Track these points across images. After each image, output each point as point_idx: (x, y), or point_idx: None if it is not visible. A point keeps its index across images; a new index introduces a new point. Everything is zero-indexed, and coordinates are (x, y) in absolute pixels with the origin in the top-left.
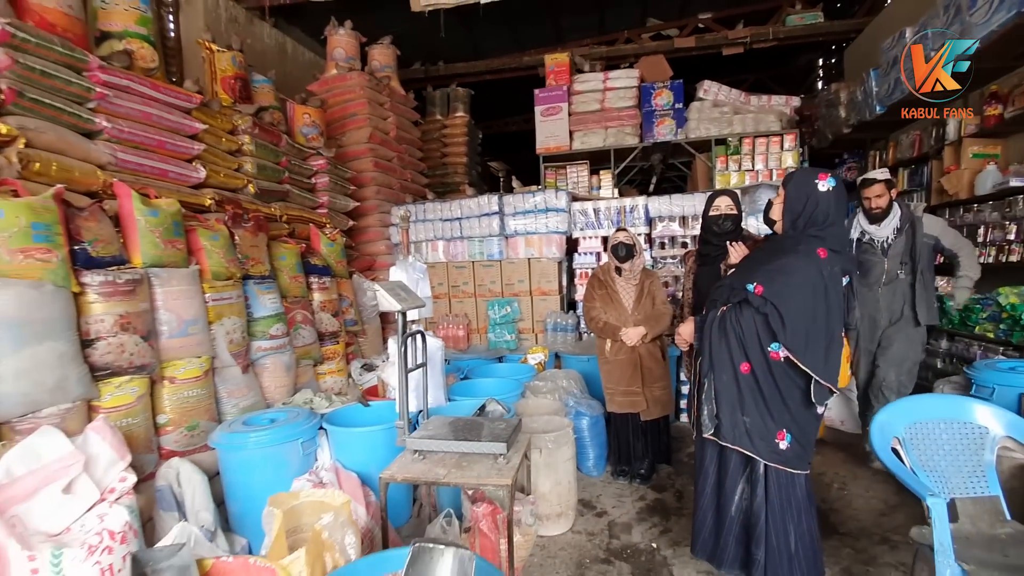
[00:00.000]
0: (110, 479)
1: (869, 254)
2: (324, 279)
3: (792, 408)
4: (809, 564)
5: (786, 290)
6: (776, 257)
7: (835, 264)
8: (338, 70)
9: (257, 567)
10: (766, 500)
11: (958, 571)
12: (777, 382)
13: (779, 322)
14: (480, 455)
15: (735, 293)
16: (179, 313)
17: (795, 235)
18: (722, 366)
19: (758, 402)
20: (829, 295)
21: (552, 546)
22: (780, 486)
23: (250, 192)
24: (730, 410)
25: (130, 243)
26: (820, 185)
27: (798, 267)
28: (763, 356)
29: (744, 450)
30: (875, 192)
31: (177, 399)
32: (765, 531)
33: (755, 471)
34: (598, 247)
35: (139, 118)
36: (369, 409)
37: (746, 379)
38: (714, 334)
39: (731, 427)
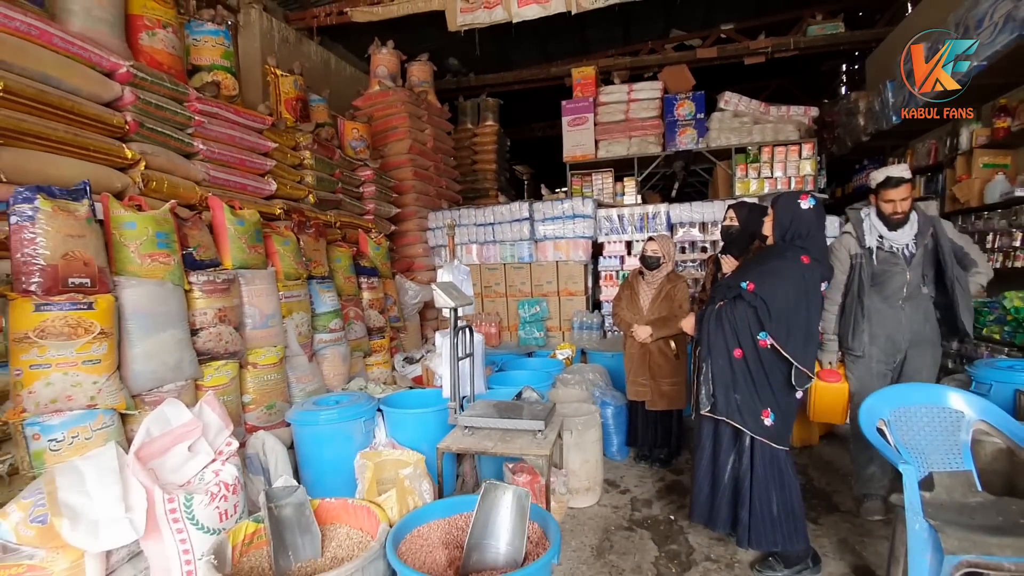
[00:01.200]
0: (219, 443)
1: (890, 264)
2: (372, 279)
3: (776, 390)
4: (789, 528)
5: (773, 288)
6: (767, 261)
7: (816, 270)
8: (381, 87)
9: (355, 505)
10: (751, 469)
11: (926, 526)
12: (764, 366)
13: (767, 314)
14: (521, 431)
15: (731, 290)
16: (261, 308)
17: (783, 245)
18: (718, 352)
19: (748, 383)
20: (810, 295)
21: (581, 516)
22: (764, 458)
23: (310, 201)
24: (724, 389)
25: (222, 248)
26: (802, 204)
27: (785, 270)
28: (753, 344)
29: (735, 423)
30: (900, 195)
31: (259, 382)
32: (749, 496)
33: (742, 444)
34: (622, 251)
35: (225, 140)
36: (417, 395)
37: (739, 363)
38: (711, 325)
39: (725, 404)
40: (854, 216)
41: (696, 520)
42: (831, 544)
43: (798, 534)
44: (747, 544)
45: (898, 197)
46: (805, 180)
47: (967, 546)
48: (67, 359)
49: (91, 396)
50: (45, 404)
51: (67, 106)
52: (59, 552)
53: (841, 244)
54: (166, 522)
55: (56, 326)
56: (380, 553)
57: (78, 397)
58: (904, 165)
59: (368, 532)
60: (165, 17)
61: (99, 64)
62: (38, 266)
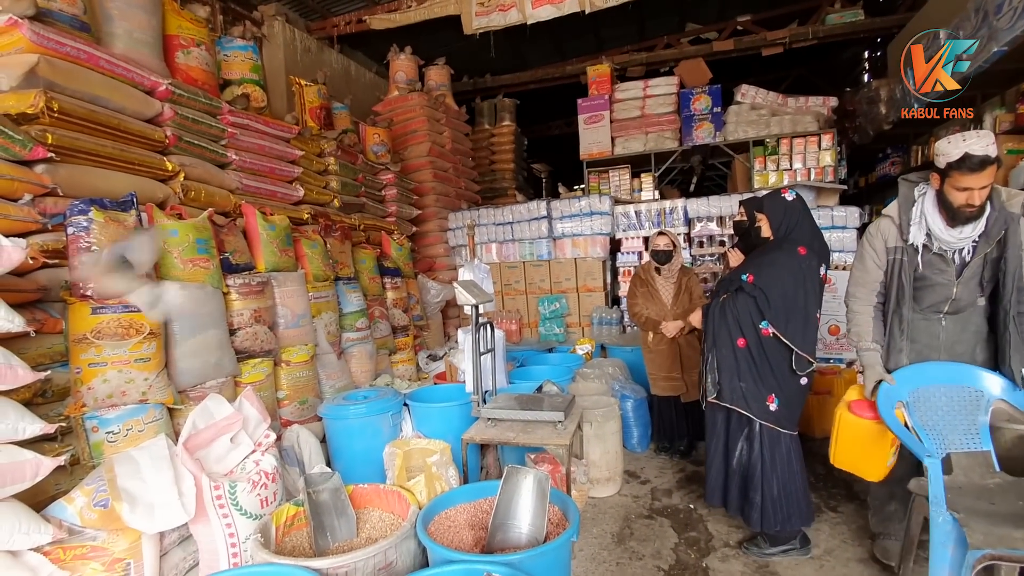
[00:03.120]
0: (258, 435)
1: (934, 268)
2: (395, 279)
3: (779, 376)
4: (791, 508)
5: (771, 278)
6: (765, 254)
7: (812, 260)
8: (399, 91)
9: (387, 490)
10: (761, 454)
11: (950, 519)
12: (767, 354)
13: (766, 303)
14: (542, 422)
15: (733, 283)
16: (292, 308)
17: (779, 239)
18: (723, 342)
19: (752, 370)
20: (807, 283)
21: (602, 505)
22: (769, 441)
23: (335, 206)
24: (729, 377)
25: (255, 252)
26: (787, 197)
27: (782, 261)
28: (756, 332)
29: (741, 410)
30: (980, 182)
31: (292, 379)
32: (761, 479)
33: (752, 430)
34: (639, 247)
35: (256, 150)
36: (441, 390)
37: (742, 352)
38: (716, 317)
39: (730, 391)
40: (904, 191)
41: (710, 502)
42: (850, 531)
43: (799, 515)
44: (759, 525)
45: (977, 185)
46: (825, 171)
47: (992, 540)
48: (121, 358)
49: (143, 392)
50: (102, 399)
51: (114, 124)
52: (119, 534)
53: (877, 231)
54: (213, 508)
55: (110, 327)
56: (411, 532)
57: (131, 393)
58: (988, 136)
59: (399, 515)
60: (199, 36)
61: (141, 83)
62: None
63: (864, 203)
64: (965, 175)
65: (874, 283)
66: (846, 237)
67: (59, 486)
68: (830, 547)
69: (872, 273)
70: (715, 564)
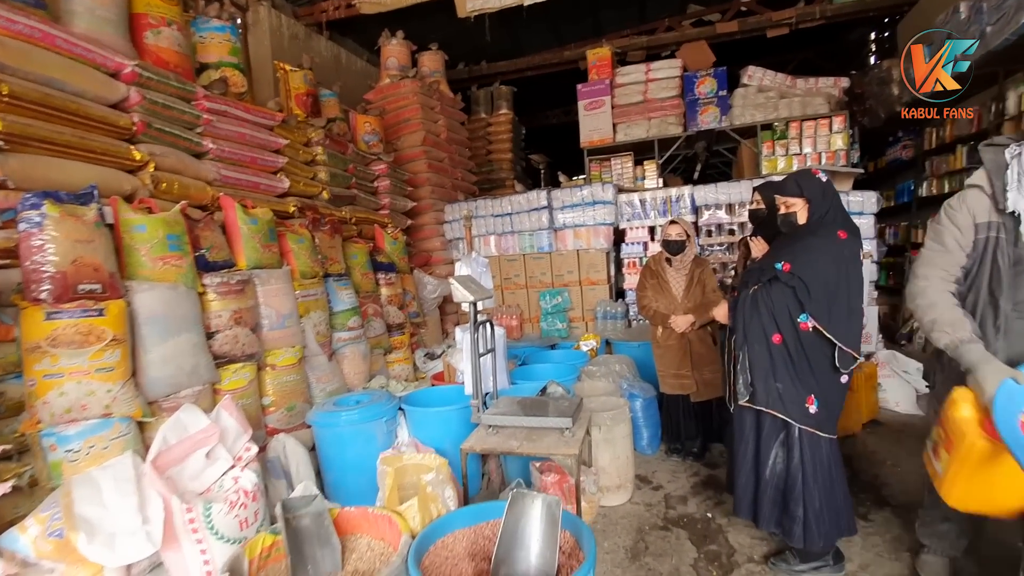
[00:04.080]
0: (238, 448)
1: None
2: (390, 275)
3: (819, 375)
4: (834, 521)
5: (811, 266)
6: (801, 240)
7: (854, 244)
8: (391, 79)
9: (376, 515)
10: (801, 463)
11: None
12: (806, 351)
13: (806, 294)
14: (548, 429)
15: (765, 273)
16: (277, 308)
17: (814, 223)
18: (755, 338)
19: (789, 369)
20: (850, 271)
21: (613, 515)
22: (811, 449)
23: (324, 198)
24: (763, 377)
25: (235, 249)
26: (821, 177)
27: (821, 246)
28: (793, 327)
29: (778, 413)
30: None
31: (278, 383)
32: (803, 491)
33: (790, 436)
34: (645, 237)
35: (235, 138)
36: (439, 392)
37: (778, 349)
38: (747, 311)
39: (765, 393)
40: (991, 157)
41: (741, 516)
42: (884, 543)
43: (842, 527)
44: (802, 542)
45: None
46: (837, 155)
47: None
48: (80, 368)
49: (106, 405)
50: (60, 414)
51: (72, 108)
52: (78, 567)
53: (962, 204)
54: (185, 533)
55: (68, 334)
56: (403, 568)
57: (92, 406)
58: None
59: (390, 543)
60: (170, 14)
61: (104, 65)
62: (47, 273)
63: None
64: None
65: (953, 266)
66: (863, 224)
67: (18, 509)
68: (864, 562)
69: (953, 254)
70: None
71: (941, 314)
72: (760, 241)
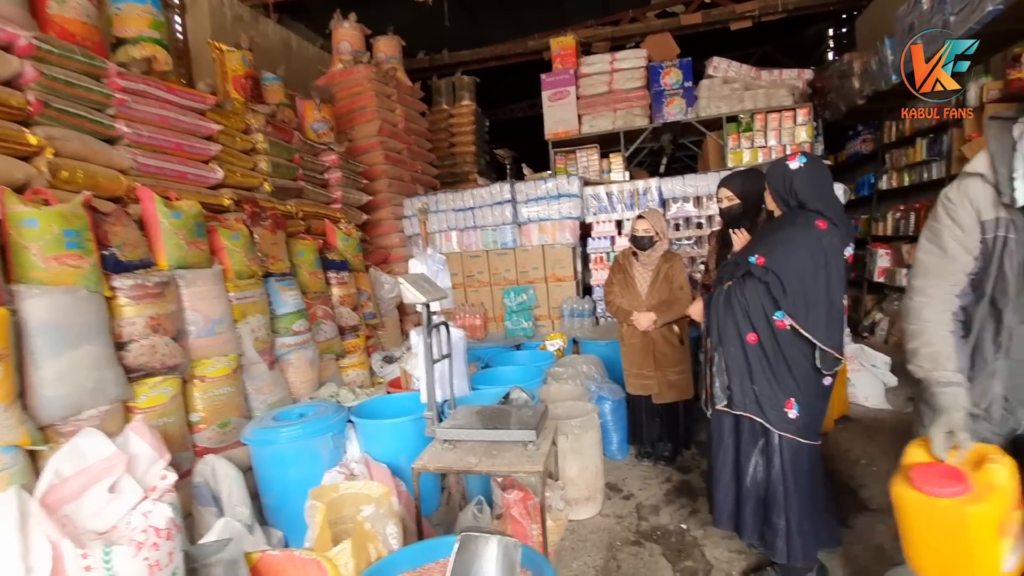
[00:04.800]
0: (151, 478)
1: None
2: (342, 274)
3: (798, 377)
4: (818, 532)
5: (786, 259)
6: (776, 231)
7: (834, 235)
8: (344, 64)
9: (303, 559)
10: (782, 471)
11: None
12: (783, 351)
13: (780, 290)
14: (510, 443)
15: (739, 268)
16: (206, 313)
17: (792, 213)
18: (730, 338)
19: (766, 371)
20: (829, 264)
21: (582, 530)
22: (792, 456)
23: (266, 190)
24: (740, 380)
25: (155, 246)
26: (791, 164)
27: (797, 237)
28: (769, 325)
29: (756, 417)
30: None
31: (208, 397)
32: (785, 502)
33: (770, 442)
34: (612, 231)
35: (157, 122)
36: (395, 400)
37: (753, 349)
38: (720, 309)
39: (742, 396)
40: (996, 134)
41: (722, 527)
42: (867, 552)
43: (824, 538)
44: (785, 556)
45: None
46: (801, 147)
47: None
48: None
49: None
50: None
51: None
52: None
53: (962, 197)
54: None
55: None
56: None
57: None
58: None
59: None
60: None
61: None
62: None
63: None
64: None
65: (958, 276)
66: None
67: None
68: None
69: (956, 260)
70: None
71: (924, 344)
72: (743, 233)
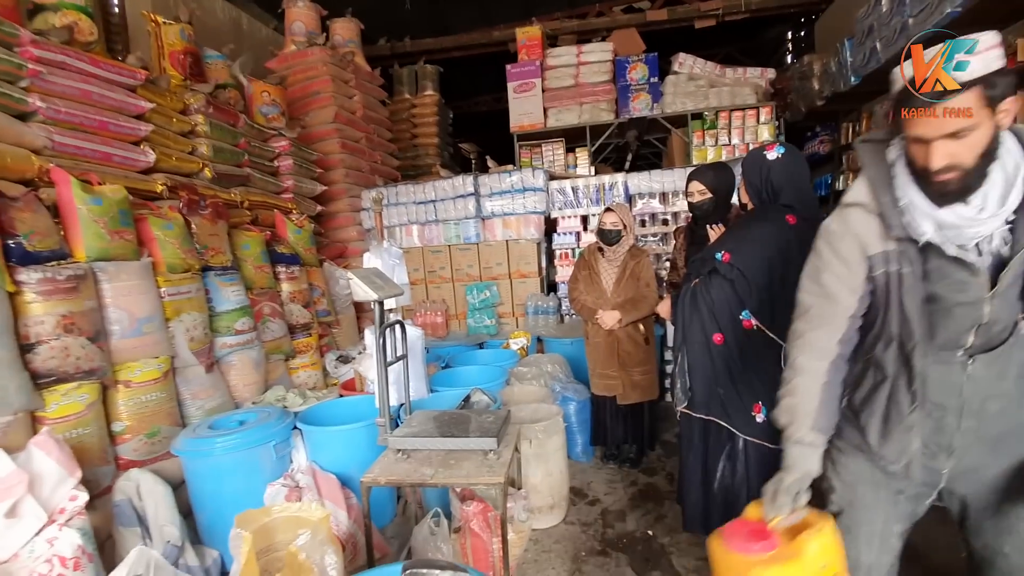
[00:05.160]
0: (59, 499)
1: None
2: (292, 268)
3: (766, 380)
4: None
5: (753, 256)
6: (745, 226)
7: (805, 231)
8: (297, 45)
9: None
10: (747, 477)
11: None
12: (751, 352)
13: (746, 288)
14: (469, 451)
15: (705, 264)
16: (131, 310)
17: (763, 207)
18: (694, 338)
19: (732, 373)
20: (798, 261)
21: (546, 539)
22: (759, 463)
23: (206, 177)
24: (704, 382)
25: (72, 235)
26: (768, 155)
27: (765, 234)
28: (735, 325)
29: (720, 421)
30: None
31: (134, 404)
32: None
33: (735, 447)
34: (577, 226)
35: (78, 97)
36: (347, 404)
37: (719, 350)
38: (687, 307)
39: (706, 399)
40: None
41: (690, 529)
42: None
43: None
44: None
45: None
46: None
47: None
48: None
49: None
50: None
51: None
52: None
53: (845, 231)
54: None
55: None
56: None
57: None
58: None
59: None
60: None
61: None
62: None
63: None
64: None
65: (840, 320)
66: None
67: None
68: None
69: (839, 302)
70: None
71: (788, 393)
72: (720, 229)
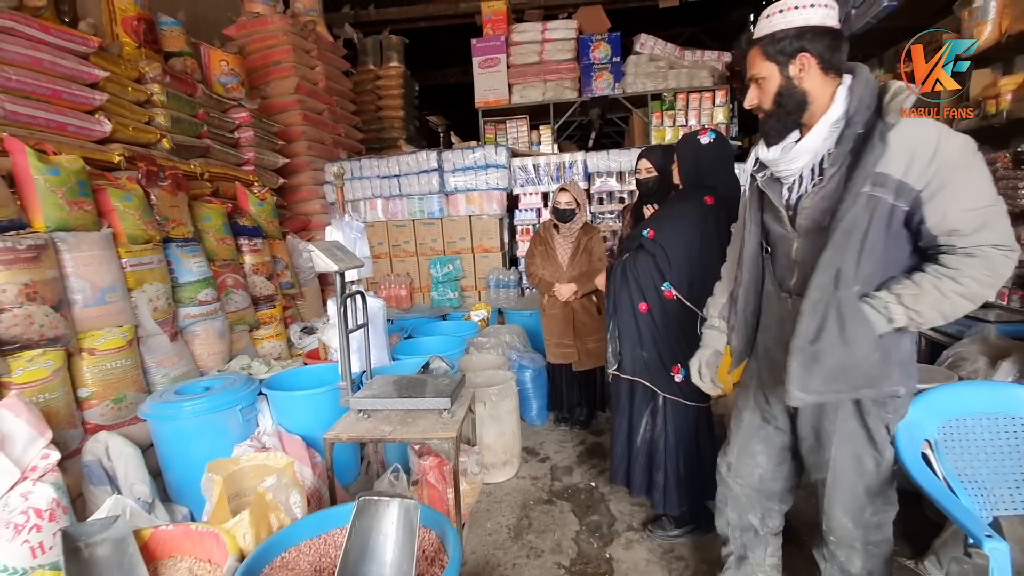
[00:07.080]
0: (30, 457)
1: (771, 214)
2: (255, 240)
3: (685, 345)
4: (697, 487)
5: (673, 233)
6: (670, 206)
7: (720, 210)
8: (256, 13)
9: (199, 532)
10: (664, 430)
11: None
12: (671, 320)
13: (666, 261)
14: (425, 411)
15: (634, 240)
16: (93, 280)
17: (687, 188)
18: (623, 307)
19: (655, 338)
20: (714, 239)
21: (498, 492)
22: (676, 417)
23: (165, 147)
24: (631, 346)
25: (29, 205)
26: (702, 140)
27: (685, 212)
28: (658, 295)
29: (644, 381)
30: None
31: (99, 371)
32: (664, 459)
33: (656, 404)
34: (538, 203)
35: (28, 64)
36: (310, 371)
37: (644, 318)
38: (618, 280)
39: (631, 362)
40: None
41: (614, 482)
42: None
43: (705, 495)
44: (662, 507)
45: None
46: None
47: None
48: None
49: None
50: None
51: None
52: None
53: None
54: None
55: None
56: None
57: None
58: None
59: (218, 564)
60: None
61: None
62: None
63: None
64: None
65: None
66: None
67: None
68: None
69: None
70: (619, 553)
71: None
72: (654, 208)
